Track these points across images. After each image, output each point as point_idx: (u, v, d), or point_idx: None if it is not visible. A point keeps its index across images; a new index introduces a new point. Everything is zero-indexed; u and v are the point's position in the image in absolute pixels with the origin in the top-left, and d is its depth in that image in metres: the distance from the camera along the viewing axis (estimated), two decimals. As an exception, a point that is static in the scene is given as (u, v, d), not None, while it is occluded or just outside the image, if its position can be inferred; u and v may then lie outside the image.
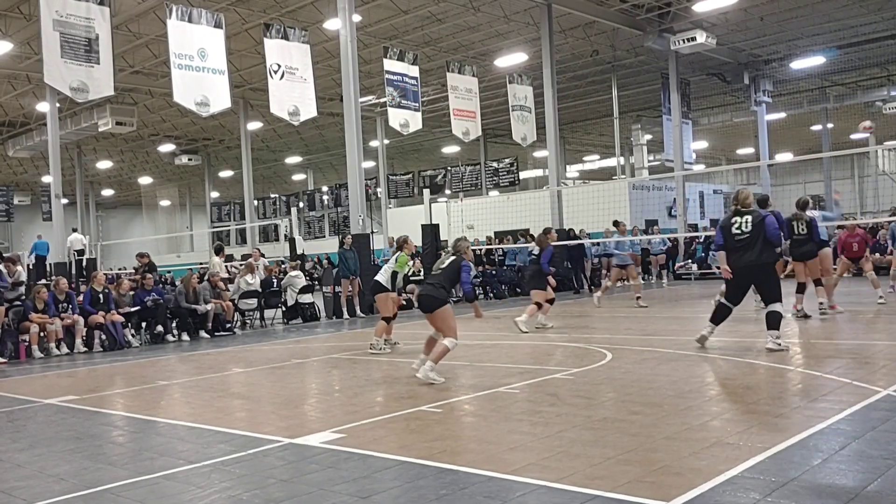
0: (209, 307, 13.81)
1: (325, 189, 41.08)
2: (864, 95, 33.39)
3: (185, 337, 13.43)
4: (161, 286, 15.58)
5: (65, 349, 12.20)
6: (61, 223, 21.58)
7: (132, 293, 13.50)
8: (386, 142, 35.04)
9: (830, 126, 36.62)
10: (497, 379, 7.25)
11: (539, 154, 39.52)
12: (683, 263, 23.66)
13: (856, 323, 10.04)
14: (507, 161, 32.74)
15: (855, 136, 36.07)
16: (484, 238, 22.95)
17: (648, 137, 34.33)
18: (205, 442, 5.44)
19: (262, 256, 18.42)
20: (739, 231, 7.99)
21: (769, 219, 7.97)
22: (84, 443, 5.68)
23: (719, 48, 26.00)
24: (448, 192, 32.47)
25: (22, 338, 11.92)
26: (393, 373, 8.34)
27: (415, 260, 17.44)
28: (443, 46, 26.53)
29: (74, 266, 21.90)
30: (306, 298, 16.19)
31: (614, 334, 10.46)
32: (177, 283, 17.02)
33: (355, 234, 16.62)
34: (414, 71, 19.92)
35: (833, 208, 16.72)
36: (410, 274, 16.99)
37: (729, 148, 45.49)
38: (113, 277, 20.25)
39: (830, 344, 8.66)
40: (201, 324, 13.77)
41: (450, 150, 41.18)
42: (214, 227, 41.80)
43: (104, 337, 12.55)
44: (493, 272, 20.71)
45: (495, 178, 32.81)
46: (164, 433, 5.92)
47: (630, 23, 24.03)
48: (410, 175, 36.04)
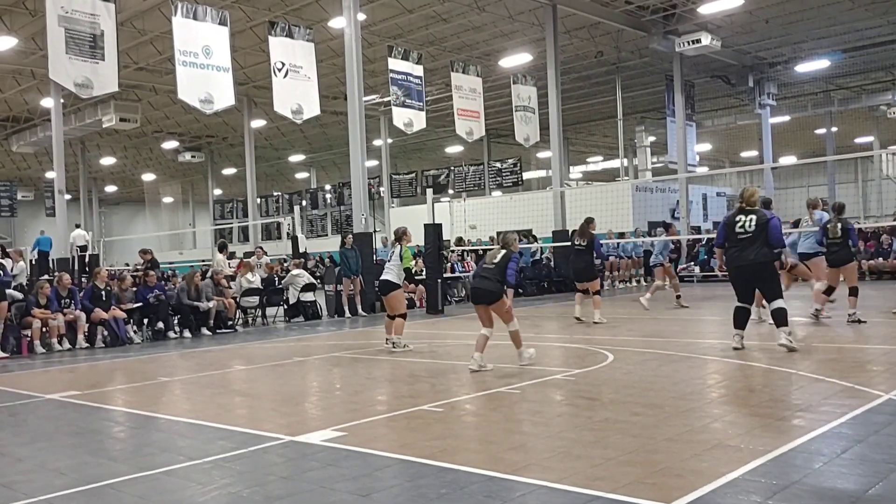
0: (211, 304, 13.83)
1: (328, 187, 41.03)
2: (869, 99, 33.31)
3: (187, 334, 13.45)
4: (163, 282, 15.59)
5: (67, 345, 12.22)
6: (64, 219, 21.58)
7: (134, 289, 13.51)
8: (389, 141, 34.98)
9: (835, 129, 36.54)
10: (498, 379, 7.25)
11: (542, 155, 39.42)
12: (686, 266, 23.61)
13: (858, 327, 10.00)
14: (511, 161, 32.66)
15: (859, 140, 35.98)
16: (486, 238, 22.94)
17: (652, 139, 34.29)
18: (205, 438, 5.45)
19: (265, 255, 18.43)
20: (742, 230, 8.03)
21: (774, 221, 8.00)
22: (85, 438, 5.69)
23: (724, 50, 25.93)
24: (451, 192, 32.44)
25: (24, 333, 11.96)
26: (394, 371, 8.35)
27: (417, 260, 17.39)
28: (447, 46, 26.49)
29: (77, 262, 21.92)
30: (308, 297, 16.21)
31: (616, 335, 10.45)
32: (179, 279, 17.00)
33: (357, 233, 16.63)
34: (418, 70, 19.91)
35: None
36: (413, 273, 16.94)
37: (732, 150, 45.39)
38: (115, 273, 20.26)
39: (833, 347, 8.64)
40: (203, 321, 13.79)
41: (453, 150, 41.11)
42: (217, 225, 41.81)
43: (106, 333, 12.58)
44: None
45: (498, 179, 32.73)
46: (165, 429, 5.93)
47: (635, 24, 23.99)
48: (414, 174, 35.98)
